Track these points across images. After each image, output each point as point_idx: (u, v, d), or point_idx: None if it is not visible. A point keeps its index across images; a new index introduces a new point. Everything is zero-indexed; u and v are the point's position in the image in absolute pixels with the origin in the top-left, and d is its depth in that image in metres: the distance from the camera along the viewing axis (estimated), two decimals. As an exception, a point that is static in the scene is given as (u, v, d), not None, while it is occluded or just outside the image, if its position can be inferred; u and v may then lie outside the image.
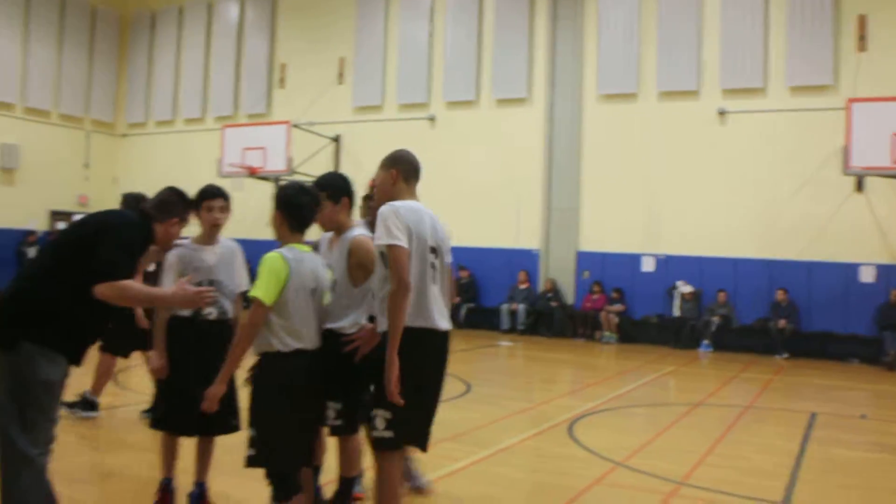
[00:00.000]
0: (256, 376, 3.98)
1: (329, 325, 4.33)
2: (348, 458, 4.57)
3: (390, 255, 3.83)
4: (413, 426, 3.94)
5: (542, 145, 18.10)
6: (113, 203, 24.26)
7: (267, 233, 4.56)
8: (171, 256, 4.80)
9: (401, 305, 3.79)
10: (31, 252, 21.25)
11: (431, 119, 19.33)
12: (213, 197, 4.92)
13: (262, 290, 3.89)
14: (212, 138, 21.04)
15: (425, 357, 3.92)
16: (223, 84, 22.55)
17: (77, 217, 5.06)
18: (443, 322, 4.00)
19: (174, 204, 4.24)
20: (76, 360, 3.75)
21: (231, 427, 4.75)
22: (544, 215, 18.03)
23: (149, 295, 4.03)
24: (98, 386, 7.33)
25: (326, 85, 20.74)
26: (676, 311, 16.33)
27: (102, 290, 3.56)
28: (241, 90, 22.30)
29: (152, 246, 4.10)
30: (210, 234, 4.92)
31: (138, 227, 3.94)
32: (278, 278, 3.92)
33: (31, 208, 22.07)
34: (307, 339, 4.00)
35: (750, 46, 16.28)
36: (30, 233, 21.48)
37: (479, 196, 18.00)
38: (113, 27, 24.41)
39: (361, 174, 19.97)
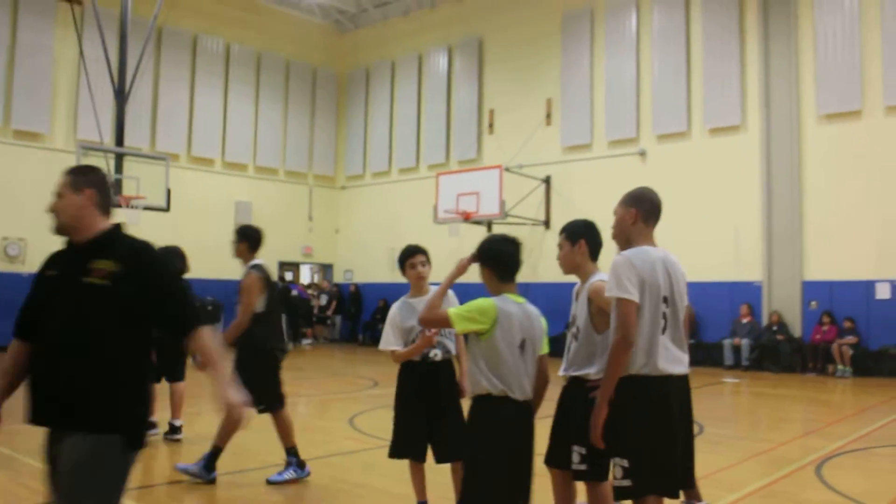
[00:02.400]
0: (470, 416, 3.98)
1: (573, 373, 4.42)
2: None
3: (618, 309, 3.82)
4: (651, 473, 3.82)
5: (758, 172, 17.49)
6: (335, 253, 25.71)
7: (478, 276, 4.69)
8: (392, 312, 5.34)
9: (620, 360, 3.79)
10: (260, 303, 22.91)
11: (642, 154, 19.17)
12: (413, 254, 5.39)
13: (456, 311, 3.92)
14: (426, 186, 21.90)
15: (651, 403, 3.84)
16: (435, 133, 23.48)
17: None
18: (672, 367, 3.92)
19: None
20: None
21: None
22: (765, 245, 17.36)
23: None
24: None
25: (534, 127, 21.11)
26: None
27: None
28: (453, 138, 23.11)
29: None
30: (419, 287, 5.37)
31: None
32: (480, 312, 3.84)
33: (262, 260, 23.80)
34: (515, 390, 3.85)
35: None
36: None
37: (694, 229, 17.61)
38: (332, 86, 26.12)
39: (573, 214, 20.16)
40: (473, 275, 4.33)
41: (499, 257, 4.08)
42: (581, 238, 4.54)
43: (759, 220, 17.38)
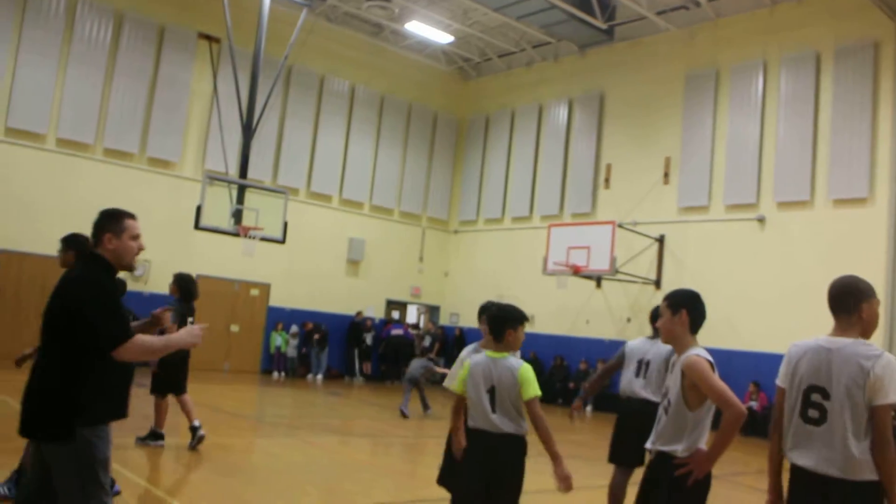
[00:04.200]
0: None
1: (661, 447, 4.27)
2: None
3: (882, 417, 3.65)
4: None
5: (885, 247, 16.73)
6: (442, 295, 25.87)
7: (586, 330, 4.93)
8: (464, 352, 5.89)
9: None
10: (369, 338, 23.28)
11: (761, 220, 18.64)
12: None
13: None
14: (537, 236, 21.87)
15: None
16: (550, 184, 23.46)
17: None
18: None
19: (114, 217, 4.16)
20: (125, 414, 4.09)
21: None
22: (889, 321, 16.55)
23: (165, 344, 4.19)
24: (160, 421, 9.24)
25: (651, 185, 20.85)
26: None
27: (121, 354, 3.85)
28: (567, 190, 23.04)
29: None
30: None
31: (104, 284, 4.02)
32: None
33: (371, 297, 24.27)
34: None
35: None
36: (367, 319, 23.58)
37: (813, 301, 16.89)
38: (451, 131, 26.52)
39: (685, 275, 19.84)
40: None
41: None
42: (682, 308, 4.39)
43: (884, 296, 16.59)
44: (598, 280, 20.46)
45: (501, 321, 4.96)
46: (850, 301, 3.86)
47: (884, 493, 3.53)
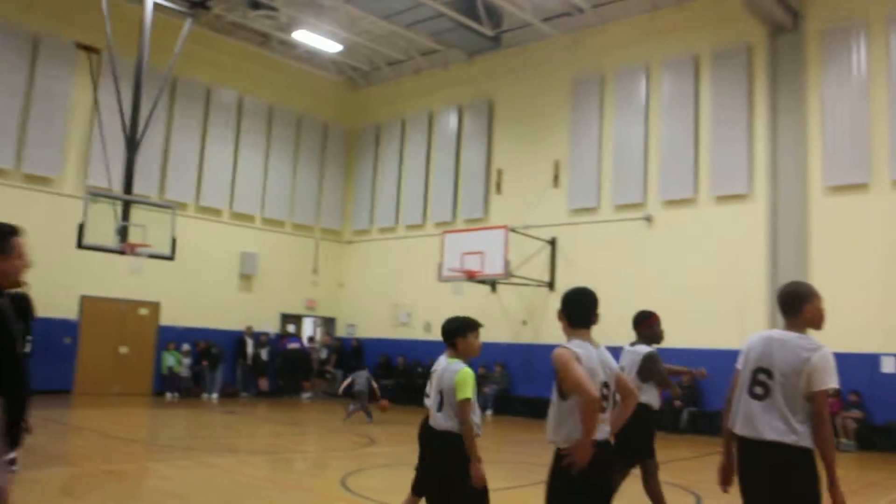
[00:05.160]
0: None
1: (550, 439, 4.44)
2: None
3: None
4: None
5: (765, 242, 17.44)
6: (338, 307, 25.67)
7: (483, 335, 5.14)
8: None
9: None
10: (264, 354, 22.85)
11: (648, 219, 19.18)
12: (477, 328, 5.63)
13: None
14: (431, 243, 21.90)
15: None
16: (442, 190, 23.56)
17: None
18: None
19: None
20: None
21: None
22: (769, 314, 17.20)
23: None
24: None
25: (542, 188, 21.18)
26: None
27: None
28: (460, 196, 23.18)
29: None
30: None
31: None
32: None
33: (265, 312, 23.81)
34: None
35: None
36: (262, 334, 23.14)
37: (699, 296, 17.52)
38: (342, 140, 26.33)
39: (577, 276, 20.17)
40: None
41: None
42: (560, 307, 4.66)
43: (764, 289, 17.25)
44: (493, 284, 20.63)
45: (451, 332, 5.50)
46: (795, 303, 4.55)
47: (814, 459, 4.20)
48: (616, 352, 5.14)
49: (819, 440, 4.17)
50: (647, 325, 7.14)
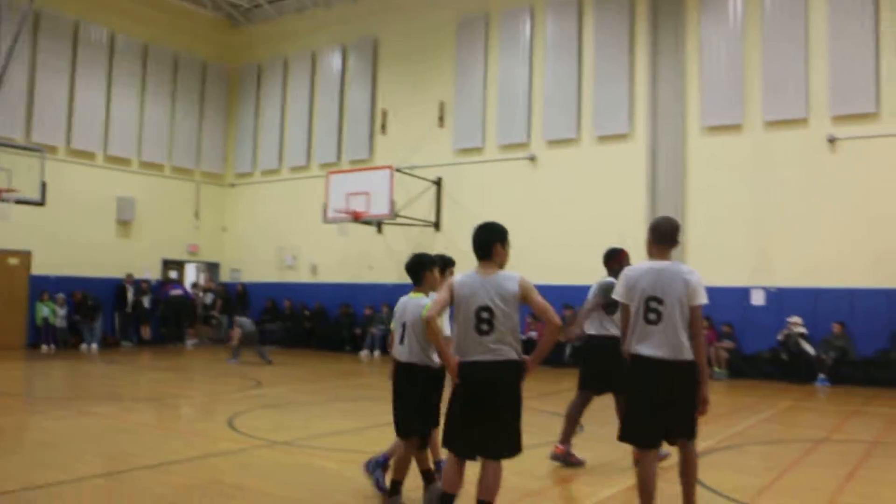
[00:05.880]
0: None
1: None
2: None
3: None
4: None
5: (644, 180, 17.93)
6: (222, 252, 25.16)
7: (369, 276, 5.24)
8: None
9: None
10: (146, 301, 22.21)
11: (532, 159, 19.42)
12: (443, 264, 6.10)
13: None
14: (316, 185, 21.63)
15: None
16: (327, 132, 23.21)
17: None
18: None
19: None
20: None
21: None
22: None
23: None
24: None
25: (427, 129, 21.11)
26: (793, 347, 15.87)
27: None
28: (345, 137, 22.89)
29: None
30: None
31: None
32: None
33: (146, 258, 23.08)
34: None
35: (861, 69, 15.81)
36: (143, 281, 22.45)
37: (582, 233, 17.90)
38: (222, 81, 25.50)
39: (463, 216, 20.28)
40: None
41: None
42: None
43: (643, 227, 17.69)
44: (379, 225, 20.56)
45: (417, 266, 5.69)
46: (673, 235, 5.24)
47: (699, 370, 5.01)
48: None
49: (696, 346, 4.99)
50: (616, 260, 7.76)
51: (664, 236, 5.23)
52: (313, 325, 22.08)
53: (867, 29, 15.82)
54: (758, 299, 16.61)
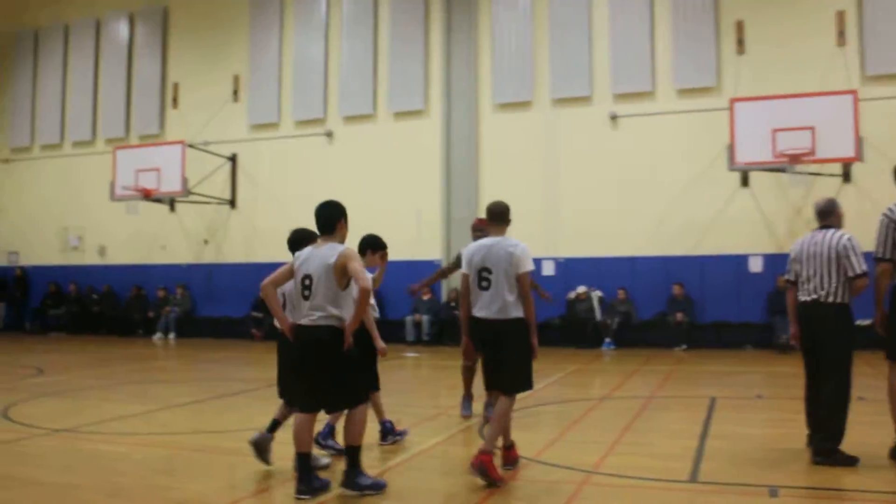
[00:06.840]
0: None
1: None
2: None
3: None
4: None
5: (440, 156, 18.25)
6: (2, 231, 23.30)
7: (162, 256, 4.85)
8: None
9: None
10: None
11: (329, 135, 19.28)
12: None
13: None
14: (103, 161, 20.53)
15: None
16: (113, 105, 21.99)
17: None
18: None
19: None
20: None
21: None
22: (445, 225, 18.15)
23: None
24: None
25: (221, 103, 20.45)
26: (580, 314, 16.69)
27: None
28: (133, 111, 21.80)
29: None
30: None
31: None
32: None
33: None
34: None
35: (638, 52, 16.88)
36: None
37: (379, 209, 17.91)
38: (-8, 48, 23.57)
39: (260, 193, 19.90)
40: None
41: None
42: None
43: (439, 202, 18.12)
44: (172, 203, 19.75)
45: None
46: (504, 215, 6.14)
47: (526, 325, 5.90)
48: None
49: (525, 305, 5.90)
50: (477, 227, 8.23)
51: (495, 216, 6.14)
52: (102, 308, 20.94)
53: (644, 13, 16.84)
54: (548, 270, 17.32)
